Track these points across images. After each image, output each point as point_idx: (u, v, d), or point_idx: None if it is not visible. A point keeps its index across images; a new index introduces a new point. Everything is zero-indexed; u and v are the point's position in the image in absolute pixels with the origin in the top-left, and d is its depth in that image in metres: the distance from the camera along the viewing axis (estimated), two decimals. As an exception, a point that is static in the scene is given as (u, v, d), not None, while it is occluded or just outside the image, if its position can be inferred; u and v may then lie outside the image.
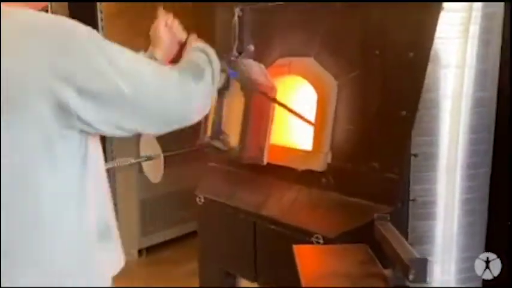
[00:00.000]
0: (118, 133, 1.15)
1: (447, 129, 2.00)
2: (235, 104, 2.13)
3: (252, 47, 2.17)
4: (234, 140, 2.14)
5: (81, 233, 1.13)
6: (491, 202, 1.95)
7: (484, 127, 2.03)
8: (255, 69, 2.10)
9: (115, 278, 1.25)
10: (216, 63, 1.35)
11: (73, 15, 3.25)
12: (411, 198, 1.96)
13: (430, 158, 1.99)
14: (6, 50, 1.00)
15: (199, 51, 1.34)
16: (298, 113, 2.11)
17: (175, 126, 1.22)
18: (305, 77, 2.15)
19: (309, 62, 2.11)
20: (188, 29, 1.64)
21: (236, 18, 2.19)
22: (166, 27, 1.50)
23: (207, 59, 1.32)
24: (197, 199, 2.32)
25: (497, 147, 1.94)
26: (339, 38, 2.05)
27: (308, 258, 1.45)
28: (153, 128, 1.22)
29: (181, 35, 1.52)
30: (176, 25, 1.52)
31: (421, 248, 2.01)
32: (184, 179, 3.14)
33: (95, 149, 1.17)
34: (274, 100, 2.06)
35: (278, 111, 2.13)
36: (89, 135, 1.12)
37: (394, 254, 1.29)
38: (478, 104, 2.00)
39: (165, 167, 2.02)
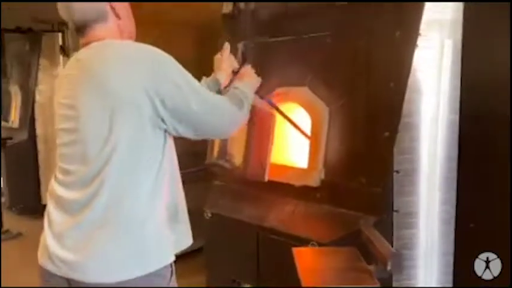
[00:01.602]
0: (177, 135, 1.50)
1: (426, 148, 2.27)
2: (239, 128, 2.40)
3: (253, 78, 2.44)
4: (238, 159, 2.39)
5: (156, 210, 1.43)
6: (458, 209, 2.19)
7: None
8: (256, 97, 2.37)
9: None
10: (250, 100, 1.74)
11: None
12: (395, 209, 2.22)
13: (412, 173, 2.25)
14: (116, 73, 1.39)
15: (240, 89, 1.71)
16: (297, 125, 2.40)
17: (218, 137, 1.71)
18: (300, 104, 2.42)
19: (304, 91, 2.39)
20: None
21: (240, 52, 2.47)
22: (229, 58, 1.89)
23: (244, 96, 1.69)
24: (205, 214, 2.56)
25: (461, 160, 2.19)
26: (329, 70, 2.33)
27: (305, 258, 1.71)
28: (201, 136, 1.57)
29: (235, 64, 1.92)
30: (232, 58, 1.91)
31: (405, 253, 2.25)
32: (194, 198, 3.31)
33: (171, 147, 1.51)
34: (278, 109, 2.35)
35: (277, 133, 2.39)
36: (167, 136, 1.47)
37: (376, 251, 1.55)
38: (452, 125, 2.27)
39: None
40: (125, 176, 1.40)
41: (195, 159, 2.72)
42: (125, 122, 1.38)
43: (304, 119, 2.42)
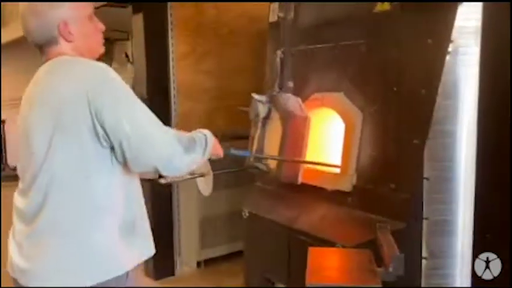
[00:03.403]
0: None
1: (463, 156, 2.23)
2: (275, 131, 2.49)
3: (291, 84, 2.52)
4: (273, 162, 2.49)
5: (104, 224, 1.49)
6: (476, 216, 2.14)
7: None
8: (292, 102, 2.46)
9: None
10: (210, 143, 1.69)
11: (148, 55, 3.77)
12: (425, 216, 2.20)
13: (445, 181, 2.22)
14: (61, 88, 1.45)
15: (203, 133, 1.69)
16: (325, 163, 2.46)
17: (154, 170, 1.53)
18: (335, 109, 2.47)
19: (339, 96, 2.43)
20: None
21: (278, 59, 2.57)
22: None
23: (204, 139, 1.66)
24: (243, 213, 2.67)
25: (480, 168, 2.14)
26: (363, 77, 2.36)
27: (317, 257, 1.76)
28: (135, 164, 1.50)
29: None
30: None
31: (439, 261, 2.23)
32: (239, 200, 3.45)
33: (123, 164, 1.51)
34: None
35: (311, 138, 2.46)
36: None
37: (384, 254, 1.58)
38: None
39: (214, 184, 2.38)
40: (67, 190, 1.45)
41: (236, 161, 2.85)
42: (65, 137, 1.43)
43: (338, 124, 2.46)
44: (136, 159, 1.48)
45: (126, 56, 4.99)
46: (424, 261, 2.22)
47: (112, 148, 1.48)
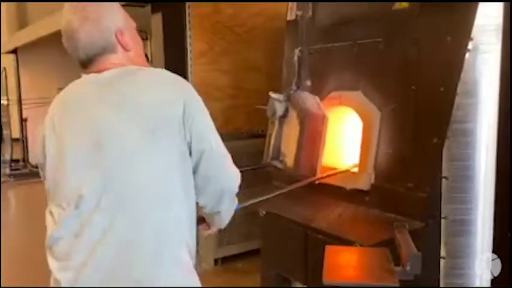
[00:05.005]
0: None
1: (484, 155, 2.21)
2: (293, 130, 2.49)
3: (308, 82, 2.53)
4: (290, 160, 2.49)
5: (182, 243, 1.40)
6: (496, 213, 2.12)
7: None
8: (310, 100, 2.46)
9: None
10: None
11: (167, 53, 3.81)
12: (443, 215, 2.18)
13: (464, 180, 2.20)
14: (153, 94, 1.38)
15: None
16: (338, 171, 2.47)
17: (217, 199, 1.49)
18: (353, 107, 2.47)
19: (357, 95, 2.43)
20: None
21: (296, 58, 2.57)
22: None
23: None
24: (260, 212, 2.68)
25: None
26: (382, 75, 2.35)
27: (334, 255, 1.76)
28: (202, 179, 1.43)
29: None
30: None
31: (457, 261, 2.21)
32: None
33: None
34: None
35: (329, 137, 2.45)
36: None
37: (401, 253, 1.57)
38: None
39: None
40: (152, 200, 1.35)
41: (253, 159, 2.86)
42: (156, 144, 1.35)
43: (356, 123, 2.46)
44: (212, 174, 1.43)
45: (146, 56, 5.04)
46: (442, 261, 2.21)
47: None
